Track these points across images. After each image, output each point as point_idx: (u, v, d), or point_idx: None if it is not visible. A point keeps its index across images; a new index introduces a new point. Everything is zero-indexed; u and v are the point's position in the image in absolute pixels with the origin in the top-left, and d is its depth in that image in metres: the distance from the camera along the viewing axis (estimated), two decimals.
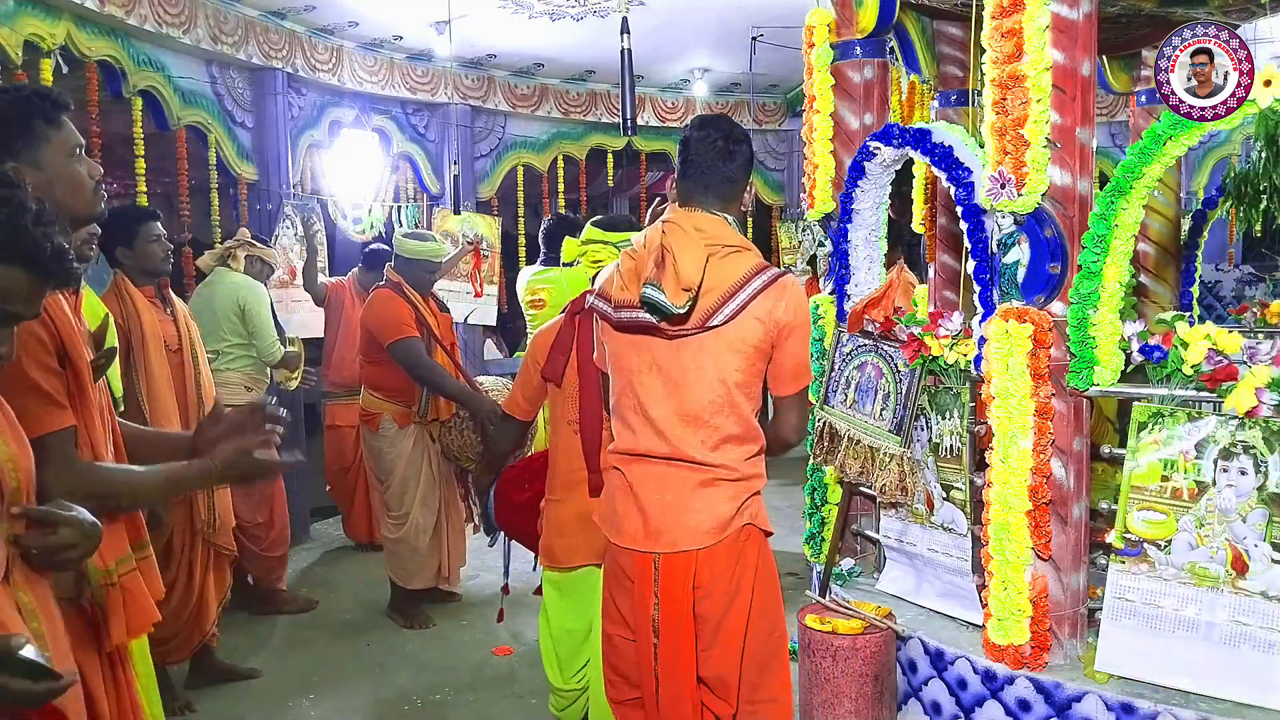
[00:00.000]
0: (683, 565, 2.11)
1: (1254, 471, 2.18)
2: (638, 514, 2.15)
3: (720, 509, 2.12)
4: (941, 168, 2.62)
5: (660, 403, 2.13)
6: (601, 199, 10.15)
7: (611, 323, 2.18)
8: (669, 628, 2.11)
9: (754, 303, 2.09)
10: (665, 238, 2.10)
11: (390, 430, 4.36)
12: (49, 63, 4.18)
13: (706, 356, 2.11)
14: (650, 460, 2.15)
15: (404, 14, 5.63)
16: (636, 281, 2.08)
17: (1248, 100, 2.15)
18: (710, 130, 2.19)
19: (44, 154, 1.74)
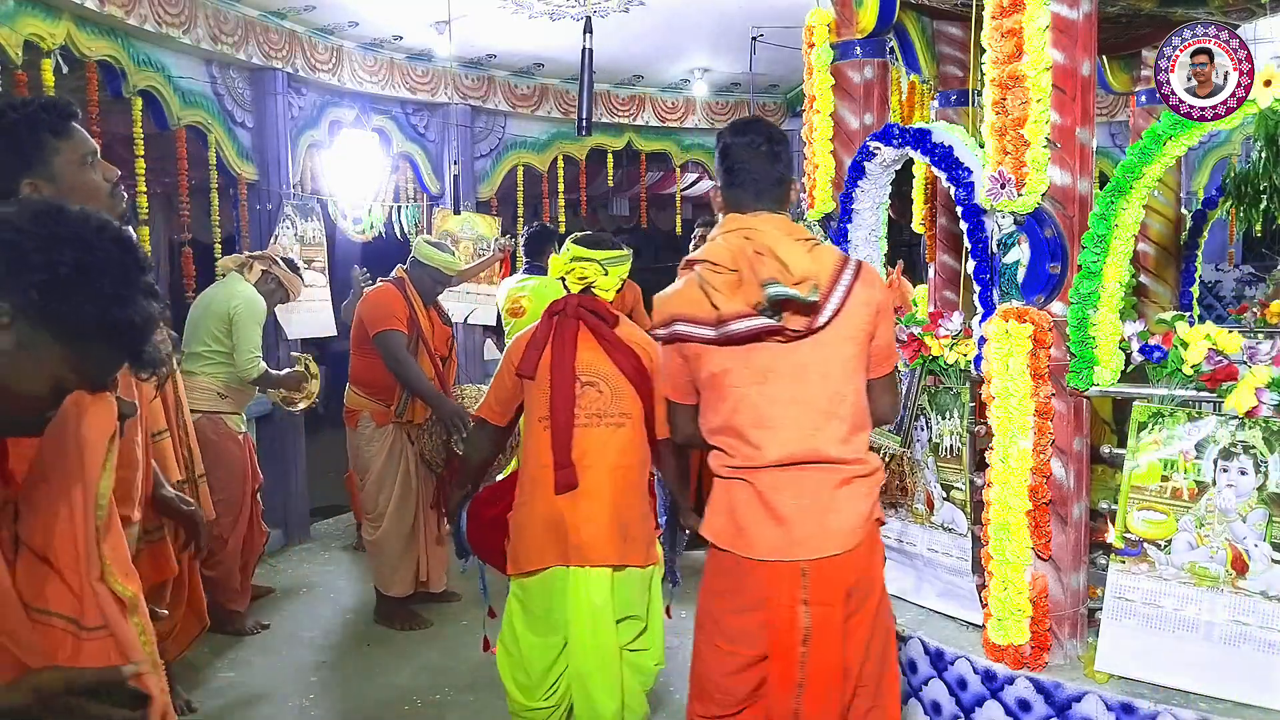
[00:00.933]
0: (834, 570, 2.05)
1: (1254, 471, 2.18)
2: (773, 523, 2.06)
3: (861, 506, 2.10)
4: (941, 168, 2.62)
5: (785, 407, 2.06)
6: (601, 199, 10.15)
7: (714, 340, 2.06)
8: (822, 637, 2.04)
9: (855, 289, 2.07)
10: (753, 242, 2.04)
11: (368, 428, 4.35)
12: (49, 63, 4.17)
13: (824, 351, 2.07)
14: (780, 468, 2.07)
15: (404, 14, 5.63)
16: (739, 290, 2.02)
17: (1248, 100, 2.15)
18: (753, 135, 2.17)
19: (56, 166, 1.76)
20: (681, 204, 8.47)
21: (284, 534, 5.80)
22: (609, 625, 2.73)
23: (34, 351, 1.19)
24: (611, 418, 2.78)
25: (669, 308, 2.13)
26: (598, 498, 2.73)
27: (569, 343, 2.80)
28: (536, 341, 2.83)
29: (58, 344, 1.20)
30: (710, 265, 2.07)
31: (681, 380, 2.20)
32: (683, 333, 2.10)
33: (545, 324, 2.86)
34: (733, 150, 2.17)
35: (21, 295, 1.16)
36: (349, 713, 3.63)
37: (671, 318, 2.12)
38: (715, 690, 2.16)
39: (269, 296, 4.58)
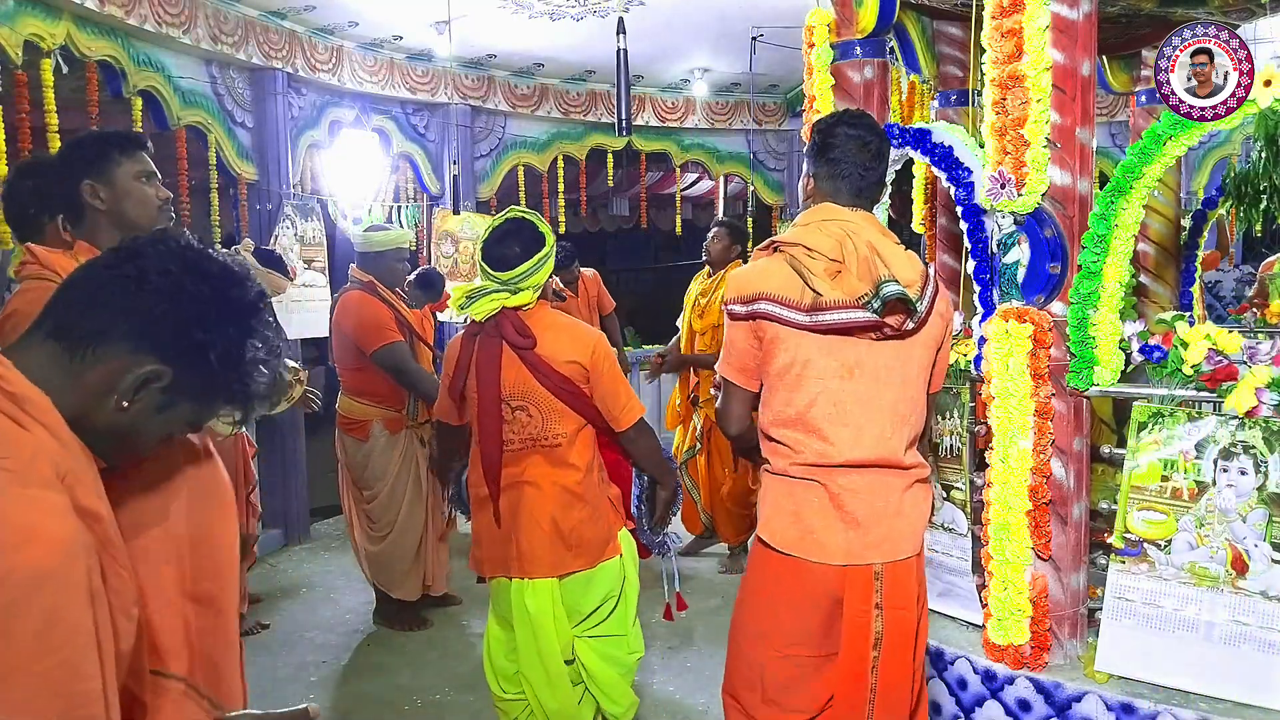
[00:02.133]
0: (908, 571, 2.05)
1: (1254, 471, 2.18)
2: (846, 526, 2.01)
3: (924, 509, 2.11)
4: (941, 168, 2.62)
5: (866, 407, 2.02)
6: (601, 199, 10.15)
7: (804, 326, 1.99)
8: (894, 638, 2.02)
9: (936, 301, 2.06)
10: (857, 238, 1.99)
11: (381, 438, 4.19)
12: (49, 63, 4.17)
13: (907, 354, 2.04)
14: (854, 469, 2.02)
15: (404, 14, 5.63)
16: (840, 280, 1.96)
17: (1248, 100, 2.15)
18: (863, 131, 2.10)
19: (115, 173, 2.10)
20: (681, 204, 8.47)
21: (284, 534, 5.80)
22: (547, 631, 2.73)
23: (172, 410, 1.15)
24: (545, 439, 2.67)
25: (756, 284, 2.04)
26: (538, 514, 2.68)
27: (493, 365, 2.65)
28: (461, 364, 2.72)
29: (196, 405, 1.17)
30: (808, 250, 2.00)
31: (749, 363, 2.11)
32: (768, 312, 2.02)
33: (466, 346, 2.72)
34: (842, 141, 2.09)
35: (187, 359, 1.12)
36: (349, 713, 3.63)
37: (758, 295, 2.03)
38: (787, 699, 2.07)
39: None
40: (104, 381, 1.09)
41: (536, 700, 2.80)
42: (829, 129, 2.12)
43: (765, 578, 2.12)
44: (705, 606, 4.53)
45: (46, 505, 0.99)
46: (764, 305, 2.02)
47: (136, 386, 1.09)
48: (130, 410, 1.10)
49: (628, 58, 4.68)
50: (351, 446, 4.26)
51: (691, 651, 4.05)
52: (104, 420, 1.10)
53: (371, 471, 4.23)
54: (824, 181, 2.12)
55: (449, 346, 2.84)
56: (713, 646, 4.09)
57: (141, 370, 1.09)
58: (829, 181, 2.11)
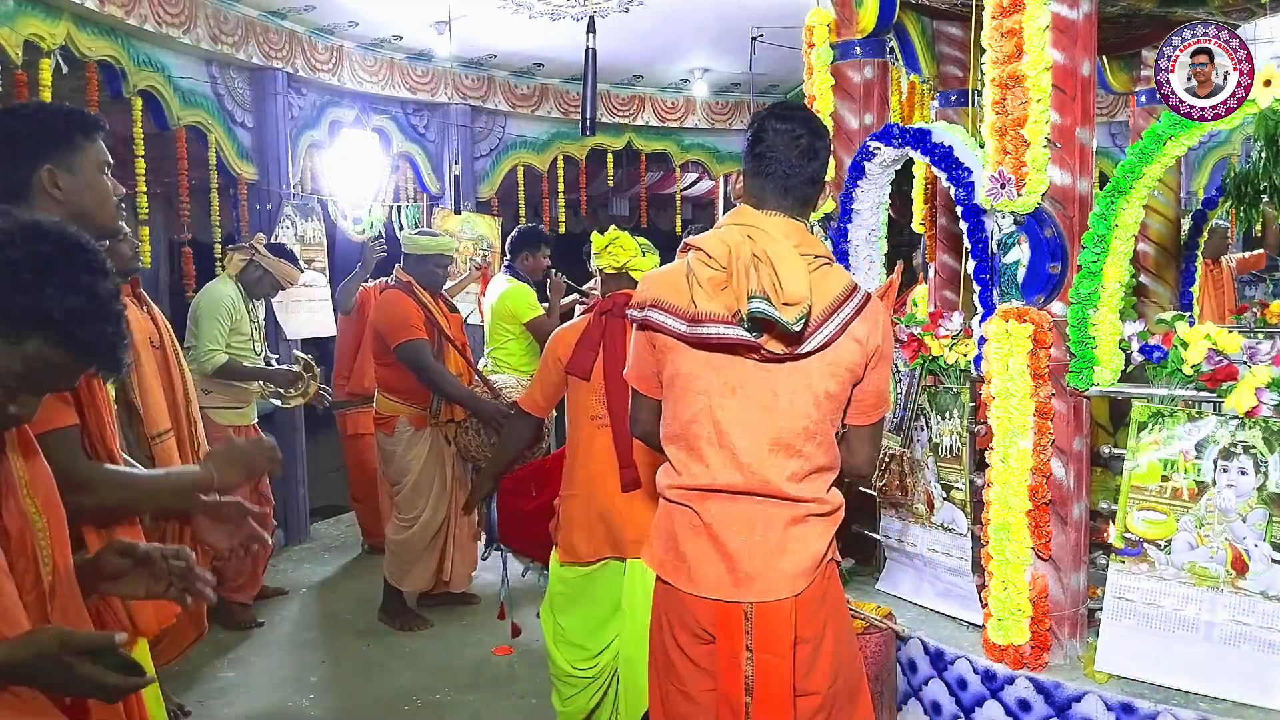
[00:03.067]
0: (782, 614, 1.87)
1: (1254, 471, 2.18)
2: (719, 559, 1.89)
3: (814, 547, 1.90)
4: (941, 168, 2.62)
5: (746, 430, 1.88)
6: (601, 199, 10.14)
7: (685, 338, 1.87)
8: (766, 683, 1.86)
9: (853, 324, 1.88)
10: (754, 245, 1.82)
11: (406, 433, 4.31)
12: (49, 63, 4.17)
13: (800, 380, 1.88)
14: (729, 496, 1.89)
15: (404, 14, 5.63)
16: (723, 291, 1.82)
17: (1248, 100, 2.15)
18: (794, 124, 1.93)
19: (78, 161, 1.79)
20: (681, 204, 8.47)
21: (284, 534, 5.80)
22: None
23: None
24: None
25: (651, 290, 1.93)
26: (650, 493, 2.80)
27: (621, 341, 2.82)
28: (589, 341, 2.88)
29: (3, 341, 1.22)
30: (703, 256, 1.87)
31: (648, 371, 2.01)
32: (656, 321, 1.91)
33: (596, 323, 2.90)
34: (767, 137, 1.93)
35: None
36: (349, 713, 3.63)
37: (650, 301, 1.92)
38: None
39: (255, 285, 4.53)
40: None
41: (633, 681, 2.84)
42: (759, 123, 1.96)
43: (658, 608, 2.02)
44: None
45: None
46: (653, 313, 1.91)
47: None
48: None
49: (595, 57, 4.75)
50: (382, 440, 4.40)
51: None
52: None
53: (397, 466, 4.34)
54: (750, 179, 1.97)
55: (560, 332, 2.99)
56: None
57: None
58: (755, 179, 1.96)
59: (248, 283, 4.51)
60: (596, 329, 2.90)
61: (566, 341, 2.93)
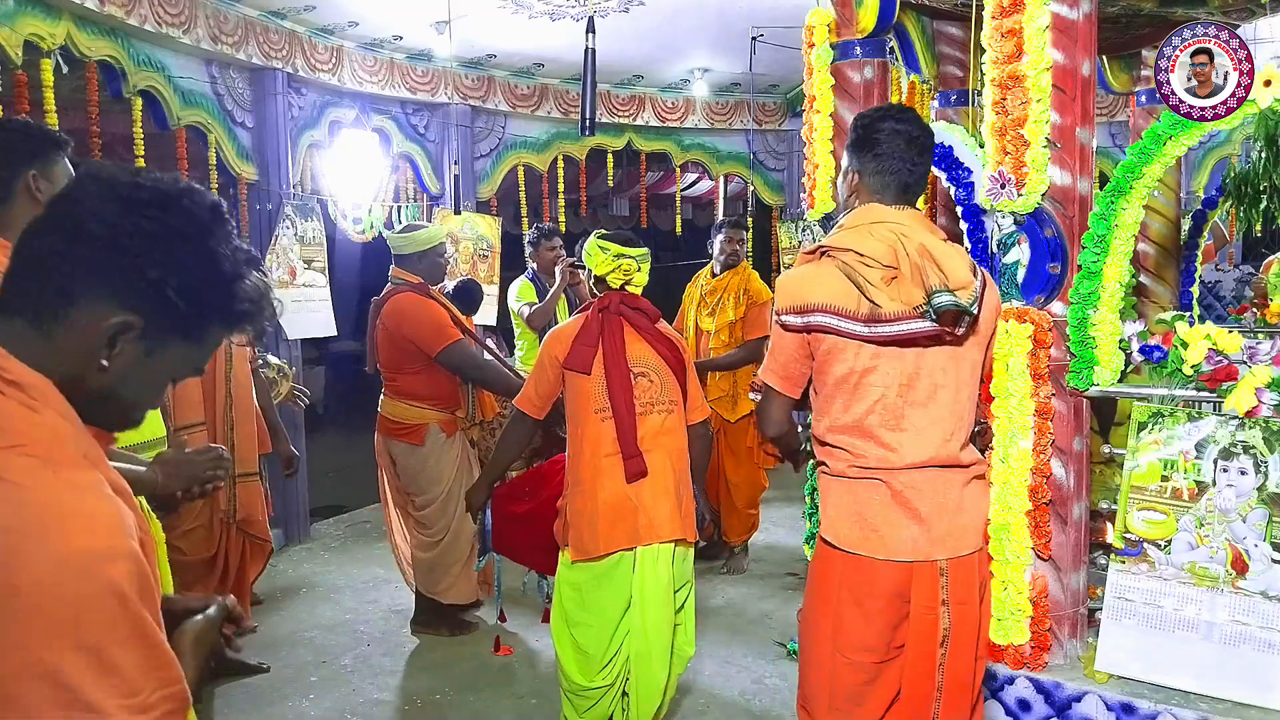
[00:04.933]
0: (970, 567, 2.06)
1: (1254, 471, 2.18)
2: (912, 522, 2.00)
3: (983, 504, 2.12)
4: (941, 168, 2.62)
5: (923, 411, 2.01)
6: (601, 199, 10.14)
7: (864, 337, 1.96)
8: (960, 634, 2.02)
9: (986, 296, 2.05)
10: (908, 241, 1.94)
11: (438, 441, 4.06)
12: (49, 63, 4.17)
13: (961, 355, 2.04)
14: (915, 469, 2.02)
15: (404, 14, 5.63)
16: (897, 288, 1.92)
17: (1248, 100, 2.15)
18: (910, 124, 2.05)
19: (54, 170, 2.01)
20: (681, 204, 8.47)
21: (284, 534, 5.80)
22: (668, 602, 2.91)
23: (163, 357, 1.09)
24: (662, 405, 2.95)
25: (808, 295, 1.99)
26: (661, 479, 2.90)
27: (619, 337, 2.93)
28: (587, 337, 2.94)
29: (188, 344, 1.10)
30: (860, 257, 1.94)
31: (796, 371, 2.08)
32: (824, 324, 1.97)
33: (595, 320, 2.96)
34: (889, 136, 2.03)
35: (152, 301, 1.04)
36: (349, 713, 3.63)
37: (813, 306, 1.98)
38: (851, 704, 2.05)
39: None
40: (79, 345, 1.03)
41: (650, 679, 2.89)
42: (873, 124, 2.06)
43: (829, 580, 2.08)
44: (706, 607, 4.53)
45: (86, 485, 0.98)
46: (820, 317, 1.97)
47: (110, 342, 1.04)
48: (113, 368, 1.05)
49: (595, 57, 4.73)
50: (403, 452, 4.09)
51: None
52: (94, 384, 1.06)
53: (427, 476, 4.08)
54: (870, 178, 2.07)
55: (555, 332, 3.04)
56: (713, 646, 4.09)
57: (109, 324, 1.03)
58: (875, 178, 2.05)
59: None
60: (595, 325, 2.95)
61: (563, 341, 2.96)
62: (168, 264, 1.04)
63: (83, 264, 1.03)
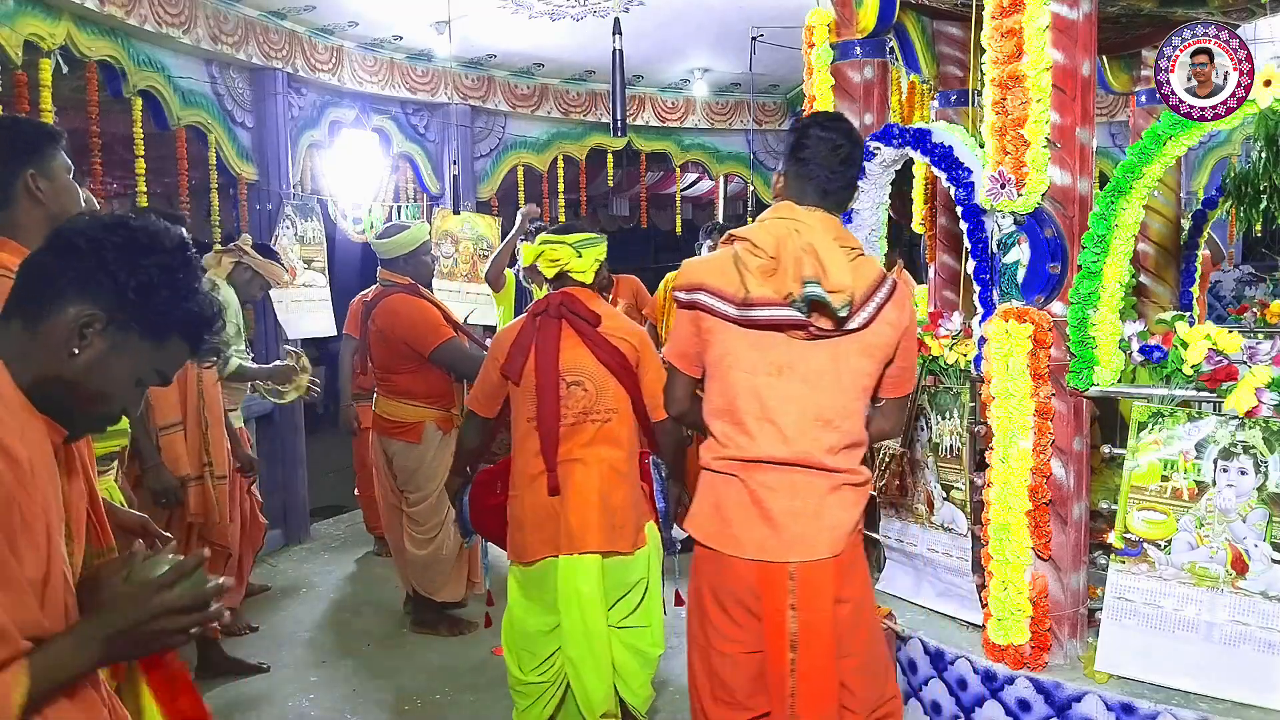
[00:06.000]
0: (822, 573, 2.03)
1: (1254, 471, 2.18)
2: (762, 522, 2.04)
3: (849, 513, 2.08)
4: (941, 168, 2.62)
5: (790, 406, 2.04)
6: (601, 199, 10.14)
7: (734, 319, 2.04)
8: (810, 641, 2.01)
9: (886, 308, 2.05)
10: (800, 237, 2.01)
11: (435, 439, 4.13)
12: (49, 63, 4.17)
13: (842, 359, 2.04)
14: (773, 466, 2.05)
15: (404, 14, 5.63)
16: (772, 277, 1.99)
17: (1248, 100, 2.15)
18: (835, 133, 2.12)
19: (52, 167, 1.96)
20: (681, 204, 8.47)
21: (284, 534, 5.80)
22: (597, 611, 2.83)
23: (124, 351, 1.30)
24: (597, 414, 2.84)
25: (697, 275, 2.10)
26: (585, 491, 2.81)
27: (553, 344, 2.83)
28: (521, 344, 2.86)
29: (145, 342, 1.32)
30: (750, 246, 2.04)
31: (689, 350, 2.17)
32: (704, 303, 2.07)
33: (529, 325, 2.88)
34: (814, 143, 2.11)
35: (114, 299, 1.27)
36: (349, 713, 3.63)
37: (697, 285, 2.08)
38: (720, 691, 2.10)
39: (245, 287, 4.40)
40: (57, 337, 1.27)
41: (581, 685, 2.85)
42: (803, 130, 2.14)
43: (699, 574, 2.16)
44: None
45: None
46: (702, 296, 2.07)
47: (80, 331, 1.27)
48: (82, 356, 1.28)
49: (623, 58, 4.68)
50: (400, 450, 4.15)
51: None
52: (68, 374, 1.28)
53: (423, 473, 4.15)
54: (792, 181, 2.15)
55: (500, 333, 2.99)
56: None
57: (80, 316, 1.26)
58: (796, 181, 2.14)
59: (238, 284, 4.43)
60: (529, 331, 2.87)
61: (502, 345, 2.92)
62: (130, 269, 1.28)
63: (67, 273, 1.28)
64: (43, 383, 1.27)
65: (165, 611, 1.26)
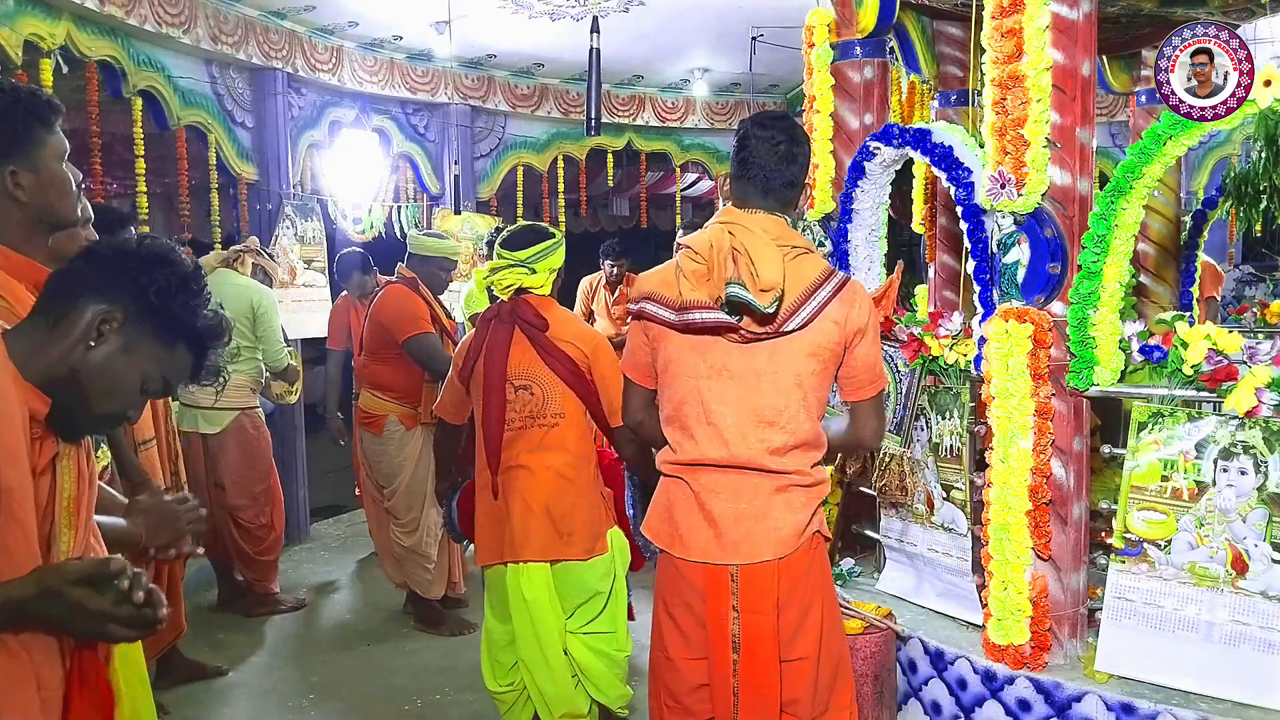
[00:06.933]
0: (765, 575, 2.01)
1: (1254, 471, 2.18)
2: (706, 525, 2.04)
3: (797, 515, 2.04)
4: (941, 168, 2.62)
5: (730, 408, 2.03)
6: (601, 199, 10.14)
7: (674, 325, 2.05)
8: (752, 643, 2.01)
9: (829, 306, 2.02)
10: (734, 239, 2.01)
11: (396, 433, 4.24)
12: (49, 63, 4.17)
13: (781, 360, 2.03)
14: (717, 469, 2.05)
15: (404, 14, 5.63)
16: (706, 282, 1.99)
17: (1248, 100, 2.15)
18: (773, 131, 2.10)
19: (40, 158, 1.70)
20: (681, 204, 8.47)
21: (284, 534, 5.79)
22: (544, 617, 2.84)
23: (135, 352, 1.41)
24: (544, 419, 2.84)
25: (644, 285, 2.13)
26: (531, 497, 2.82)
27: (501, 349, 2.84)
28: (474, 349, 2.89)
29: (156, 344, 1.43)
30: (690, 252, 2.05)
31: (641, 360, 2.17)
32: (649, 312, 2.08)
33: (480, 330, 2.91)
34: (749, 143, 2.11)
35: (135, 300, 1.39)
36: (349, 713, 3.63)
37: (644, 295, 2.10)
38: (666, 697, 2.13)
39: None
40: (73, 331, 1.37)
41: (535, 688, 2.87)
42: (744, 132, 2.14)
43: (658, 576, 2.16)
44: None
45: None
46: (647, 305, 2.09)
47: (97, 325, 1.38)
48: (98, 349, 1.39)
49: (600, 57, 4.72)
50: (368, 442, 4.31)
51: None
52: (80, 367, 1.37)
53: (387, 466, 4.27)
54: (735, 182, 2.15)
55: (462, 342, 2.99)
56: None
57: (98, 311, 1.38)
58: (738, 184, 2.13)
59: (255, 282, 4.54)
60: (479, 336, 2.89)
61: (461, 350, 2.95)
62: (151, 276, 1.41)
63: (90, 275, 1.40)
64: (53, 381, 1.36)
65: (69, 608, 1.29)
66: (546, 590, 2.83)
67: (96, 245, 1.45)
